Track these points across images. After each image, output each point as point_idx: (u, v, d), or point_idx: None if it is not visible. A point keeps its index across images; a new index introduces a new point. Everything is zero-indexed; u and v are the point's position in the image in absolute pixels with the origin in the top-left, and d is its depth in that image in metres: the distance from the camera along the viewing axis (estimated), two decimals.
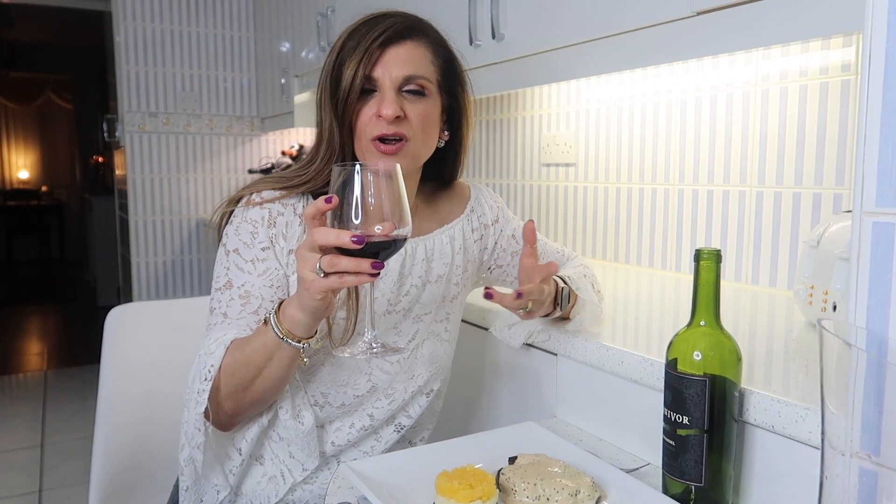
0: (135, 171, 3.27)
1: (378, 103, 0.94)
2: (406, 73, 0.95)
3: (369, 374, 1.02)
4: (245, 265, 0.95)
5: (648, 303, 1.35)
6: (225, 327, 0.94)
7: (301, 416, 0.97)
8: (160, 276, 3.37)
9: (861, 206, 0.56)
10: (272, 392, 0.92)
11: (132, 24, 3.20)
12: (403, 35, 0.96)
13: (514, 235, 1.17)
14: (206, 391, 0.89)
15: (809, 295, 1.06)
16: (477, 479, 0.73)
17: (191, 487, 0.99)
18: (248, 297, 0.95)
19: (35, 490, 2.62)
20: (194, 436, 0.91)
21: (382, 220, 0.75)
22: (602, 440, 1.01)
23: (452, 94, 1.03)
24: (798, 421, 0.74)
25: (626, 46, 1.24)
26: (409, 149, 0.96)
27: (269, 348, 0.86)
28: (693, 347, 0.77)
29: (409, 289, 1.04)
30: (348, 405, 1.02)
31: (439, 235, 1.08)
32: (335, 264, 0.74)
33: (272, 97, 3.22)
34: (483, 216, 1.15)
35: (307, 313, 0.81)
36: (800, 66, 1.35)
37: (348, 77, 0.93)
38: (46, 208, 8.69)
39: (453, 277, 1.09)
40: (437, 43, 1.01)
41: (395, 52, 0.95)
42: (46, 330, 5.38)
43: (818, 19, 0.93)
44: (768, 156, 1.42)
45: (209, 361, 0.89)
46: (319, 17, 2.52)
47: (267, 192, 0.98)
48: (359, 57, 0.93)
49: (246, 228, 0.96)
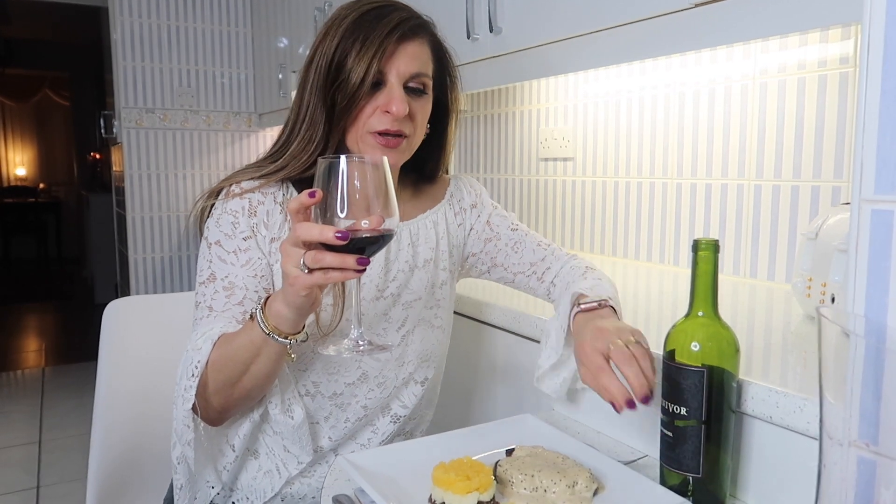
0: (132, 167, 3.26)
1: (386, 98, 0.93)
2: (413, 70, 0.95)
3: (359, 361, 1.02)
4: (228, 256, 0.95)
5: (647, 297, 1.35)
6: (211, 321, 0.93)
7: (291, 411, 0.96)
8: (158, 273, 3.36)
9: (860, 194, 0.56)
10: (261, 387, 0.91)
11: (129, 21, 3.18)
12: (416, 31, 0.96)
13: (490, 222, 1.14)
14: (194, 387, 0.88)
15: (808, 287, 1.06)
16: (474, 471, 0.73)
17: (185, 486, 0.98)
18: (233, 288, 0.94)
19: (33, 486, 2.62)
20: (184, 432, 0.91)
21: (369, 214, 0.73)
22: (600, 433, 1.01)
23: (442, 90, 1.05)
24: (796, 411, 0.74)
25: (624, 39, 1.24)
26: (408, 144, 0.97)
27: (255, 344, 0.84)
28: (691, 338, 0.76)
29: (396, 273, 1.04)
30: (340, 394, 1.02)
31: (423, 220, 1.08)
32: (319, 260, 0.72)
33: (270, 93, 3.21)
34: (462, 200, 1.14)
35: (293, 309, 0.80)
36: (798, 59, 1.35)
37: (360, 70, 0.91)
38: (44, 205, 8.67)
39: (440, 262, 1.09)
40: (436, 41, 1.01)
41: (406, 49, 0.94)
42: (44, 327, 5.38)
43: (816, 10, 0.93)
44: (766, 149, 1.42)
45: (196, 357, 0.88)
46: (317, 12, 2.51)
47: (246, 182, 0.97)
48: (373, 50, 0.91)
49: (227, 219, 0.95)
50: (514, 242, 1.12)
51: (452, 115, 1.07)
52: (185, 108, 3.33)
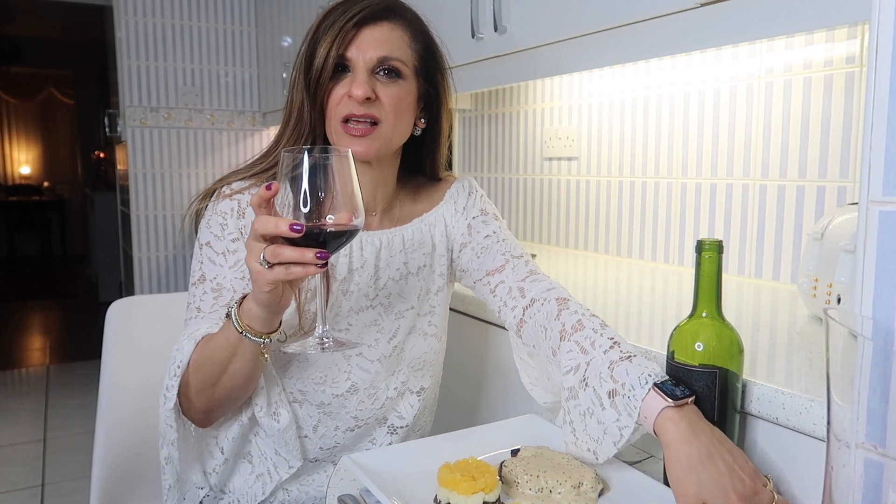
0: (136, 166, 3.27)
1: (350, 83, 0.92)
2: (380, 54, 0.93)
3: (348, 372, 0.99)
4: (217, 258, 0.95)
5: (651, 297, 1.35)
6: (199, 321, 0.93)
7: (277, 414, 0.95)
8: (162, 271, 3.37)
9: (867, 196, 0.56)
10: (241, 388, 0.90)
11: (133, 19, 3.19)
12: (379, 16, 0.94)
13: (470, 226, 1.06)
14: (175, 387, 0.88)
15: (813, 288, 1.05)
16: (479, 472, 0.73)
17: (173, 486, 0.97)
18: (220, 289, 0.94)
19: (38, 484, 2.63)
20: (167, 432, 0.91)
21: (334, 209, 0.72)
22: None
23: (431, 82, 1.00)
24: (802, 413, 0.73)
25: (629, 39, 1.23)
26: (379, 132, 0.93)
27: (231, 343, 0.83)
28: (695, 338, 0.76)
29: (386, 281, 1.01)
30: (328, 405, 0.99)
31: (418, 224, 1.05)
32: (278, 255, 0.71)
33: (274, 92, 3.21)
34: (457, 202, 1.08)
35: (261, 307, 0.78)
36: (804, 58, 1.34)
37: (321, 56, 0.91)
38: (48, 204, 8.69)
39: (437, 268, 1.06)
40: (415, 27, 0.98)
41: (370, 33, 0.93)
42: (48, 325, 5.39)
43: (823, 10, 0.92)
44: (772, 149, 1.41)
45: (178, 357, 0.88)
46: (321, 10, 2.51)
47: (237, 182, 0.97)
48: (332, 36, 0.91)
49: (216, 221, 0.95)
50: (481, 248, 1.03)
51: (444, 106, 1.03)
52: (190, 107, 3.33)
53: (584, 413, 0.78)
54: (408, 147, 1.03)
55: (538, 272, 0.98)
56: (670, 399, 0.70)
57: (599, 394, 0.76)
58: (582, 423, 0.78)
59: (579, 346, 0.81)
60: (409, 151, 1.05)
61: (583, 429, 0.77)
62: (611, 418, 0.74)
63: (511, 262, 0.99)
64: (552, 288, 0.93)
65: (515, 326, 0.94)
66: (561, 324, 0.85)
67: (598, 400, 0.76)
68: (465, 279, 1.07)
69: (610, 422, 0.74)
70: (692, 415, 0.70)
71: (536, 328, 0.90)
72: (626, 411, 0.73)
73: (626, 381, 0.74)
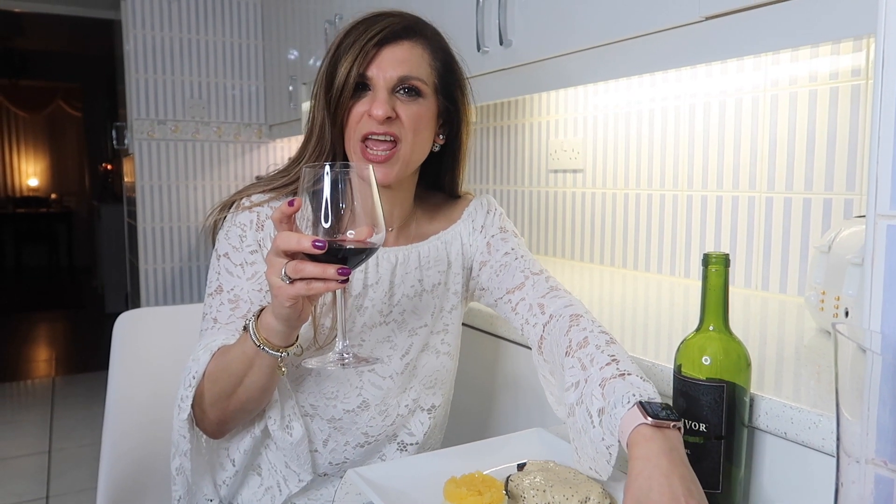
0: (143, 178, 3.29)
1: (370, 102, 0.92)
2: (401, 73, 0.93)
3: (360, 388, 0.99)
4: (234, 269, 0.95)
5: (657, 309, 1.34)
6: (215, 332, 0.93)
7: (290, 427, 0.95)
8: (168, 283, 3.38)
9: (875, 210, 0.56)
10: (256, 401, 0.90)
11: (141, 33, 3.22)
12: (400, 35, 0.94)
13: (489, 244, 1.06)
14: (189, 398, 0.88)
15: (821, 301, 1.05)
16: (486, 486, 0.72)
17: (183, 497, 0.97)
18: (238, 301, 0.94)
19: (42, 496, 2.62)
20: (180, 443, 0.91)
21: (355, 224, 0.72)
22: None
23: (450, 99, 1.01)
24: (811, 427, 0.73)
25: (633, 52, 1.24)
26: (400, 154, 0.94)
27: (248, 356, 0.84)
28: (702, 352, 0.76)
29: (400, 298, 1.01)
30: (339, 420, 0.99)
31: (434, 241, 1.05)
32: (300, 270, 0.71)
33: (280, 105, 3.23)
34: (475, 220, 1.08)
35: (280, 321, 0.78)
36: (809, 70, 1.34)
37: (342, 74, 0.92)
38: (55, 216, 8.74)
39: (452, 286, 1.06)
40: (436, 45, 0.99)
41: (391, 52, 0.93)
42: (54, 336, 5.40)
43: (828, 23, 0.93)
44: (778, 161, 1.41)
45: (194, 368, 0.89)
46: (327, 24, 2.52)
47: (256, 195, 0.98)
48: (353, 55, 0.92)
49: (235, 232, 0.96)
50: (500, 266, 1.03)
51: (464, 122, 1.04)
52: (197, 120, 3.36)
53: (579, 431, 0.77)
54: (426, 163, 1.03)
55: (559, 288, 0.98)
56: (650, 417, 0.66)
57: (591, 412, 0.75)
58: (580, 442, 0.77)
59: (580, 362, 0.80)
60: (428, 168, 1.05)
61: (582, 447, 0.76)
62: (598, 437, 0.73)
63: (531, 279, 0.99)
64: (569, 304, 0.92)
65: (537, 344, 0.93)
66: (568, 340, 0.84)
67: (590, 418, 0.74)
68: (485, 298, 1.06)
69: (598, 440, 0.73)
70: (672, 440, 0.66)
71: (552, 345, 0.89)
72: (608, 430, 0.71)
73: (612, 399, 0.71)
